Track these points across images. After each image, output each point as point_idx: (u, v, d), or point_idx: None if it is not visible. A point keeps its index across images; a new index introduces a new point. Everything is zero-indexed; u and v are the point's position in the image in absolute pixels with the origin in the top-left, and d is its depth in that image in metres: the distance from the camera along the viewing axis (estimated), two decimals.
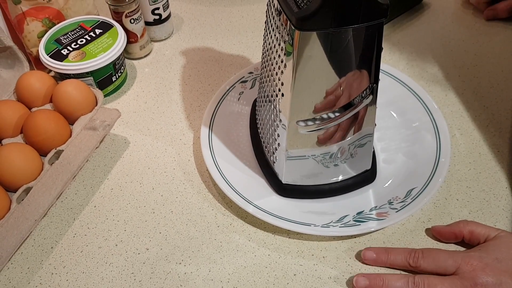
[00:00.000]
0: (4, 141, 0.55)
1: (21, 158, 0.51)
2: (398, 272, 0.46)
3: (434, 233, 0.48)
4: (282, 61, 0.43)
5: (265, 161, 0.53)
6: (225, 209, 0.52)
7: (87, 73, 0.61)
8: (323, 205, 0.51)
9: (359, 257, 0.47)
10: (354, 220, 0.48)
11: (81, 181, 0.56)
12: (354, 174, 0.51)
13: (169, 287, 0.46)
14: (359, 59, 0.42)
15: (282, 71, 0.43)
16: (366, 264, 0.46)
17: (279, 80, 0.44)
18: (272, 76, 0.46)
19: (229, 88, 0.61)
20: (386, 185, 0.52)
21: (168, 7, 0.71)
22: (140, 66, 0.70)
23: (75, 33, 0.64)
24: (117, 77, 0.65)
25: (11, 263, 0.49)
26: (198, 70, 0.68)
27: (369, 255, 0.46)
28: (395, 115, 0.58)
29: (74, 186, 0.55)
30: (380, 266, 0.46)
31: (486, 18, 0.72)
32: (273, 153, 0.50)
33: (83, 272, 0.48)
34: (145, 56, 0.71)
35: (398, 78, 0.60)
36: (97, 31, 0.64)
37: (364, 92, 0.44)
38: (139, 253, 0.49)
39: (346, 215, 0.49)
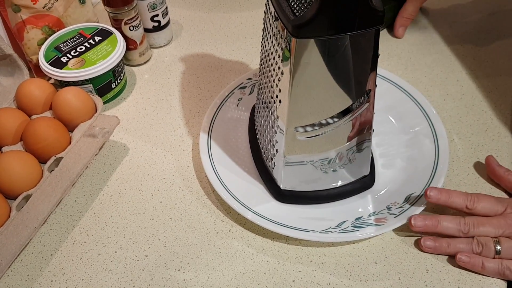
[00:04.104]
0: (4, 149, 0.55)
1: (20, 165, 0.51)
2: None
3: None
4: (279, 68, 0.43)
5: (263, 167, 0.53)
6: (224, 215, 0.52)
7: (86, 80, 0.61)
8: (322, 211, 0.51)
9: (358, 263, 0.47)
10: (352, 226, 0.48)
11: (81, 188, 0.56)
12: (353, 179, 0.51)
13: None
14: (356, 65, 0.42)
15: (279, 77, 0.43)
16: (429, 201, 0.48)
17: (276, 86, 0.44)
18: (270, 82, 0.47)
19: (228, 94, 0.61)
20: (385, 190, 0.52)
21: (167, 14, 0.71)
22: (139, 72, 0.70)
23: (75, 40, 0.64)
24: (116, 84, 0.65)
25: (11, 271, 0.49)
26: (197, 76, 0.69)
27: (434, 194, 0.47)
28: (393, 120, 0.58)
29: (73, 193, 0.55)
30: (441, 205, 0.48)
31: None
32: (272, 159, 0.50)
33: (83, 279, 0.48)
34: (145, 63, 0.71)
35: (396, 83, 0.60)
36: (97, 39, 0.64)
37: (362, 97, 0.44)
38: (138, 260, 0.49)
39: (345, 221, 0.49)
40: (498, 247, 0.45)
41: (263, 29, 0.47)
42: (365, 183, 0.52)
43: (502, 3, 0.76)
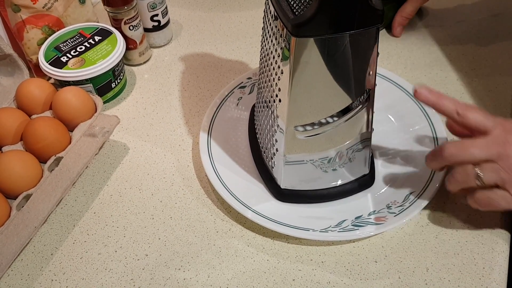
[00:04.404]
0: (4, 149, 0.55)
1: (21, 165, 0.51)
2: None
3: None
4: (279, 67, 0.43)
5: (263, 166, 0.53)
6: (224, 214, 0.52)
7: (86, 80, 0.61)
8: (322, 210, 0.51)
9: (358, 262, 0.47)
10: (352, 225, 0.48)
11: (81, 187, 0.56)
12: (353, 178, 0.51)
13: None
14: (356, 64, 0.42)
15: (279, 77, 0.43)
16: (418, 97, 0.45)
17: (276, 85, 0.45)
18: (269, 81, 0.47)
19: (228, 94, 0.61)
20: (384, 189, 0.52)
21: (167, 13, 0.71)
22: (139, 72, 0.70)
23: (75, 40, 0.64)
24: (116, 83, 0.65)
25: (11, 270, 0.49)
26: (197, 76, 0.69)
27: (424, 91, 0.45)
28: (393, 119, 0.59)
29: (73, 193, 0.55)
30: (429, 105, 0.46)
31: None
32: (272, 158, 0.50)
33: (83, 279, 0.48)
34: (144, 62, 0.71)
35: (396, 82, 0.60)
36: (96, 38, 0.64)
37: (361, 96, 0.44)
38: (138, 259, 0.49)
39: (345, 220, 0.49)
40: (479, 172, 0.43)
41: (262, 29, 0.48)
42: (365, 182, 0.52)
43: (502, 4, 0.76)
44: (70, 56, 0.62)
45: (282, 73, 0.43)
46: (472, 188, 0.44)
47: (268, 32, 0.45)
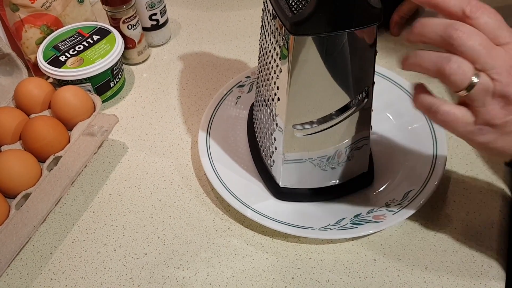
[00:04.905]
0: (3, 148, 0.55)
1: (20, 164, 0.51)
2: None
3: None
4: (277, 66, 0.43)
5: (262, 164, 0.54)
6: (223, 213, 0.52)
7: (85, 79, 0.61)
8: (321, 208, 0.51)
9: (357, 260, 0.48)
10: (351, 223, 0.48)
11: (80, 186, 0.56)
12: (352, 177, 0.51)
13: None
14: (354, 63, 0.42)
15: (277, 75, 0.43)
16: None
17: (275, 84, 0.45)
18: (268, 80, 0.47)
19: (226, 93, 0.61)
20: (383, 187, 0.52)
21: (165, 12, 0.71)
22: (138, 71, 0.70)
23: (73, 39, 0.64)
24: (115, 82, 0.65)
25: (10, 269, 0.49)
26: (196, 75, 0.69)
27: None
28: (391, 117, 0.59)
29: (72, 192, 0.55)
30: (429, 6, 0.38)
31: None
32: (270, 156, 0.50)
33: (82, 278, 0.48)
34: (143, 61, 0.71)
35: (394, 81, 0.60)
36: (95, 37, 0.64)
37: (360, 95, 0.44)
38: (137, 258, 0.49)
39: (344, 218, 0.49)
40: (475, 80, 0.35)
41: (261, 27, 0.48)
42: (364, 180, 0.52)
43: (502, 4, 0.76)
44: (69, 55, 0.62)
45: (280, 71, 0.43)
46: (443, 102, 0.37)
47: (267, 31, 0.45)
